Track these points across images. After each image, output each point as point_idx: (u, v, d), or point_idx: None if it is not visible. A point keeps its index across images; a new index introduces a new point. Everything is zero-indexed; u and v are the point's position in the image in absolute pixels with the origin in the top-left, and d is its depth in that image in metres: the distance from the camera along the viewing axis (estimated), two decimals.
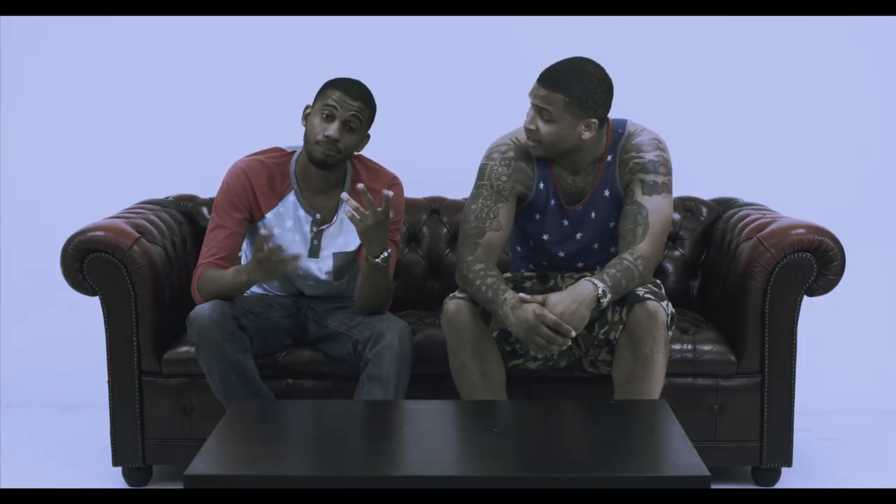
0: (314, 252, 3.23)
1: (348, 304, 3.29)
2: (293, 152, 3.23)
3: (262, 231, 3.01)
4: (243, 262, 3.33)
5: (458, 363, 3.00)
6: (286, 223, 3.20)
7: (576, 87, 2.90)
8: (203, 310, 3.02)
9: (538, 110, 2.95)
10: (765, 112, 4.08)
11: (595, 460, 2.34)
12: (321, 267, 3.24)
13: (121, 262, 3.19)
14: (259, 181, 3.17)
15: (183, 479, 2.17)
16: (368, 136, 3.16)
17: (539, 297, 2.87)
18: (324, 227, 3.21)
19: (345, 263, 3.25)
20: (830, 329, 3.93)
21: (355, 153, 3.17)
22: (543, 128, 2.95)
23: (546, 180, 3.09)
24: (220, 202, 3.18)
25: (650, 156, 3.02)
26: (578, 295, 2.85)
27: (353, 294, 3.25)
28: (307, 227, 3.21)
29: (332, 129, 3.06)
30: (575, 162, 3.05)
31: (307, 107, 3.15)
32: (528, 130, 2.98)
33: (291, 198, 3.20)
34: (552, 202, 3.10)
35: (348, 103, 3.07)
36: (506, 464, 2.33)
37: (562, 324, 2.81)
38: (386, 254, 3.05)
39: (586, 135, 2.96)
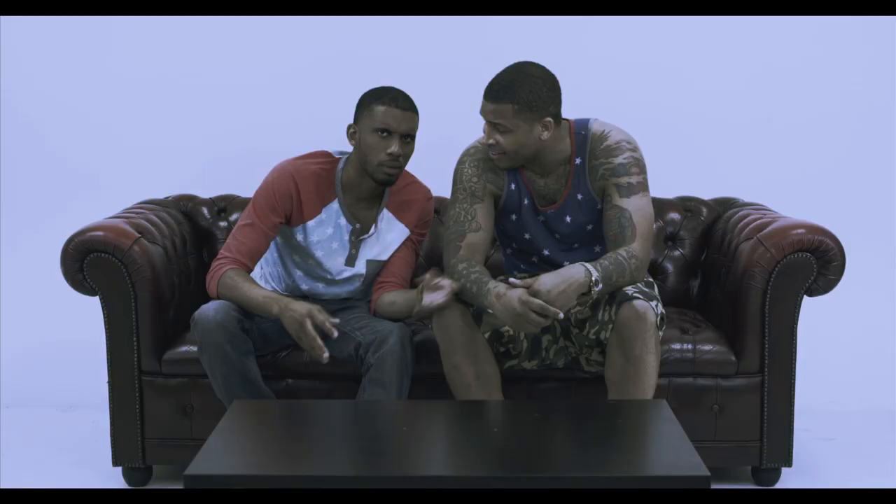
0: (351, 261, 3.23)
1: (354, 304, 3.30)
2: (339, 159, 3.21)
3: (334, 332, 2.95)
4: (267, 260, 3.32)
5: (451, 366, 3.00)
6: (327, 230, 3.19)
7: (521, 92, 2.92)
8: (207, 311, 3.01)
9: (492, 125, 2.97)
10: (765, 112, 4.08)
11: (594, 460, 2.34)
12: (356, 275, 3.25)
13: (121, 262, 3.19)
14: (306, 187, 3.15)
15: (183, 479, 2.17)
16: None
17: (528, 280, 2.87)
18: (363, 236, 3.21)
19: (376, 271, 3.26)
20: (830, 329, 3.93)
21: None
22: (502, 140, 2.97)
23: (517, 181, 3.11)
24: (261, 202, 3.13)
25: (620, 159, 3.02)
26: (569, 276, 2.85)
27: (361, 294, 3.27)
28: (347, 236, 3.20)
29: (394, 146, 3.05)
30: (542, 165, 3.06)
31: (351, 125, 3.12)
32: (489, 146, 3.00)
33: (335, 206, 3.18)
34: (525, 202, 3.11)
35: (400, 116, 3.06)
36: (505, 464, 2.33)
37: (548, 307, 2.81)
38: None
39: (545, 135, 2.98)
